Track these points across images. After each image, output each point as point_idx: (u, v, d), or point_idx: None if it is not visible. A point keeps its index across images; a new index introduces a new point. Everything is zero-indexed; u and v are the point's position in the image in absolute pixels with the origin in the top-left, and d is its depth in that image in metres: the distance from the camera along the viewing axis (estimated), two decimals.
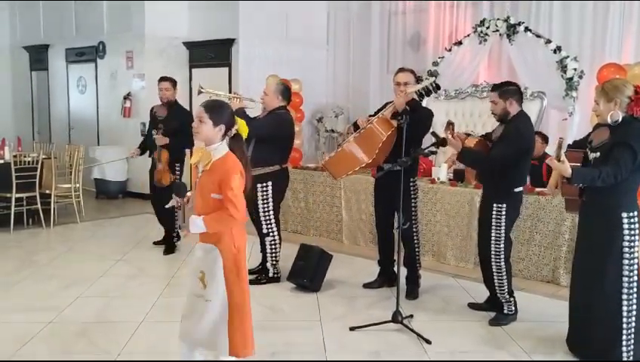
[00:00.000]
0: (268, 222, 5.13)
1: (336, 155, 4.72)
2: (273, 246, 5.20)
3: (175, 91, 6.20)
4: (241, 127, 3.11)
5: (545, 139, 6.48)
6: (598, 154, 3.54)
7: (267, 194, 5.09)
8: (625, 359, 3.57)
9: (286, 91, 5.22)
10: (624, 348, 3.57)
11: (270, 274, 5.25)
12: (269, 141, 4.95)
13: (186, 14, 9.58)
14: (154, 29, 9.26)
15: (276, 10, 9.34)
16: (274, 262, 5.23)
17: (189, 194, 3.21)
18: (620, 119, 3.49)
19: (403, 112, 4.45)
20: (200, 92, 5.21)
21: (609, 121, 3.51)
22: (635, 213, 3.55)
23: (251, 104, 5.24)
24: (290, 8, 9.51)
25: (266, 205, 5.10)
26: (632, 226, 3.53)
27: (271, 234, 5.17)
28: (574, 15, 7.57)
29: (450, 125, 4.40)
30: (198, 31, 9.40)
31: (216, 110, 3.04)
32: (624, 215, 3.51)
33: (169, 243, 6.19)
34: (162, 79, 6.19)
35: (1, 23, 11.93)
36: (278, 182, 5.14)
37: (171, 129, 5.92)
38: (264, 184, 5.04)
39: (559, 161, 3.37)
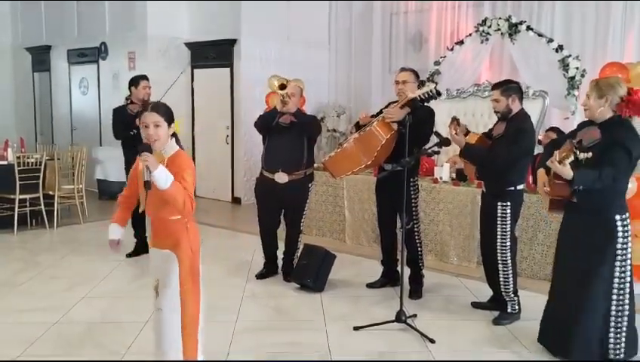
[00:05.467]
0: (304, 219, 5.37)
1: (336, 155, 4.75)
2: (301, 242, 5.38)
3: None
4: (176, 125, 3.06)
5: (561, 135, 6.45)
6: (591, 154, 3.50)
7: (311, 193, 5.37)
8: (611, 357, 3.58)
9: None
10: (611, 347, 3.58)
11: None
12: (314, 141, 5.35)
13: (188, 15, 9.60)
14: (156, 29, 9.28)
15: (278, 10, 9.36)
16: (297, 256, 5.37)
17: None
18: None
19: (404, 118, 4.46)
20: (283, 85, 5.06)
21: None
22: (627, 215, 3.56)
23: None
24: (291, 8, 9.53)
25: (308, 203, 5.36)
26: (625, 229, 3.53)
27: (302, 231, 5.39)
28: (576, 14, 7.58)
29: (454, 121, 4.41)
30: (200, 31, 9.42)
31: (166, 110, 2.96)
32: (617, 217, 3.52)
33: None
34: (144, 77, 6.03)
35: (3, 25, 11.95)
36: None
37: None
38: (312, 183, 5.35)
39: (560, 163, 3.34)
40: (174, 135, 3.01)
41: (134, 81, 6.02)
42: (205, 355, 3.17)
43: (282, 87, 5.05)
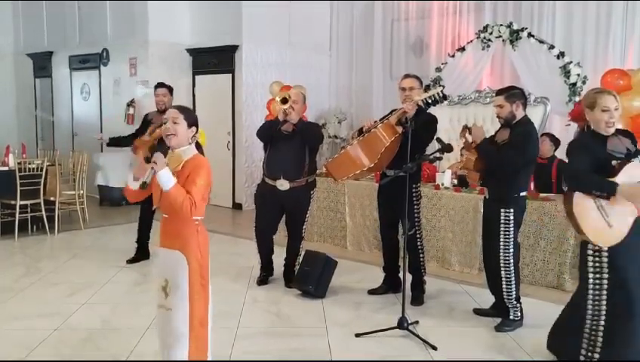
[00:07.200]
0: (305, 226, 5.37)
1: (338, 157, 4.74)
2: (302, 249, 5.36)
3: (171, 98, 6.11)
4: (202, 136, 3.16)
5: (555, 141, 6.45)
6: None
7: (312, 200, 5.35)
8: None
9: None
10: None
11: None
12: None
13: (189, 21, 9.63)
14: (157, 35, 9.31)
15: (279, 16, 9.39)
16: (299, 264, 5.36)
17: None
18: None
19: (407, 119, 4.47)
20: (285, 100, 5.07)
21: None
22: None
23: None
24: (292, 14, 9.56)
25: (309, 210, 5.34)
26: None
27: (304, 237, 5.39)
28: (577, 20, 7.59)
29: (465, 129, 4.41)
30: (202, 37, 9.44)
31: (189, 111, 3.11)
32: None
33: None
34: (159, 85, 6.14)
35: (4, 31, 11.99)
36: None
37: None
38: (314, 190, 5.35)
39: None
40: (198, 145, 3.10)
41: (154, 89, 6.18)
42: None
43: (284, 101, 5.07)
